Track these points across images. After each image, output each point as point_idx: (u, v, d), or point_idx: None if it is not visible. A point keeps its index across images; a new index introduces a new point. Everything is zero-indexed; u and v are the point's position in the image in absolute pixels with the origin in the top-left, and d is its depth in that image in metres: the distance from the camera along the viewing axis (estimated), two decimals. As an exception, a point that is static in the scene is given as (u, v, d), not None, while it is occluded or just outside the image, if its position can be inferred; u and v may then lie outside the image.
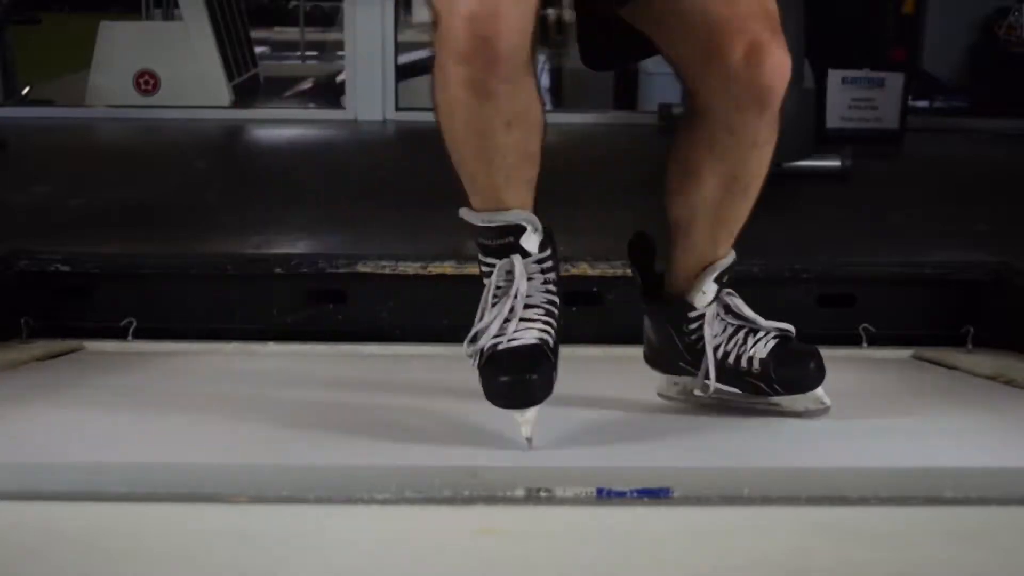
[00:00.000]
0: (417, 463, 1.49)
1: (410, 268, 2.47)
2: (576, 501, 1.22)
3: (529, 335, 1.54)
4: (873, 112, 4.79)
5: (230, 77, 5.73)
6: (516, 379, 1.51)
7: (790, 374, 1.74)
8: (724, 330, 1.74)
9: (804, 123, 3.88)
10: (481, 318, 1.55)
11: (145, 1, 7.03)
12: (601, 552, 1.11)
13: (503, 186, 1.53)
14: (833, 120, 4.73)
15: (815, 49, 3.98)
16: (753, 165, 1.66)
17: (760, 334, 1.74)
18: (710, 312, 1.74)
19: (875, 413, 1.89)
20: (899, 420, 1.84)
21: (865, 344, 2.43)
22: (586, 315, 2.51)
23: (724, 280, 1.75)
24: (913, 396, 2.02)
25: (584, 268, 2.46)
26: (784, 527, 1.17)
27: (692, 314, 1.74)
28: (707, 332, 1.73)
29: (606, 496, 1.22)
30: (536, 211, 1.56)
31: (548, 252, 1.59)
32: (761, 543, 1.13)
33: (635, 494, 1.22)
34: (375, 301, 2.53)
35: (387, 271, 2.49)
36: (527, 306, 1.55)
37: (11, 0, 6.18)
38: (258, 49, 7.02)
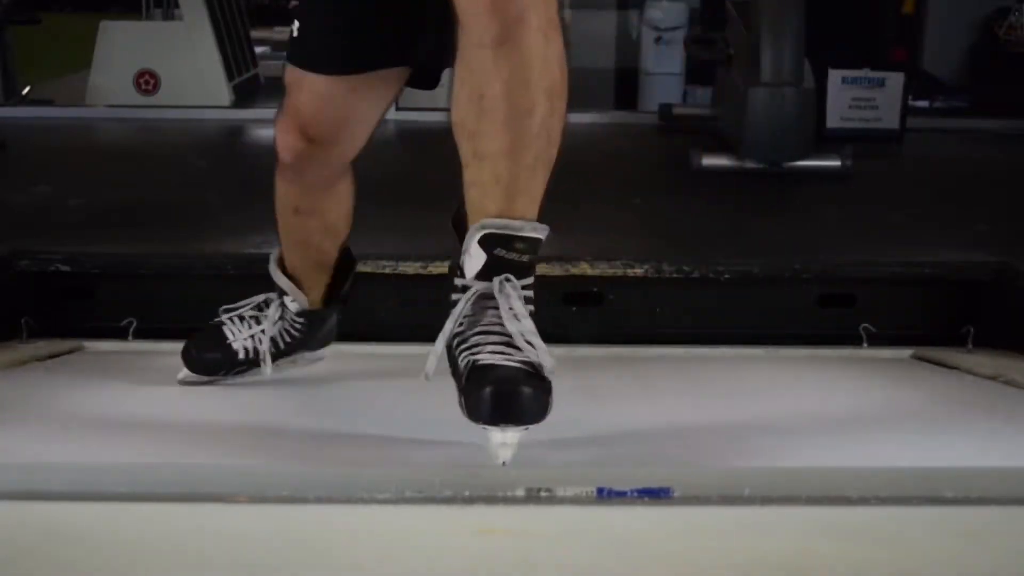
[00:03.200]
0: (417, 463, 1.49)
1: (410, 268, 2.47)
2: (576, 501, 1.22)
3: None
4: (873, 112, 4.80)
5: (230, 77, 5.73)
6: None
7: (469, 395, 1.41)
8: (462, 324, 1.44)
9: (804, 123, 3.89)
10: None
11: (145, 1, 7.03)
12: (601, 552, 1.11)
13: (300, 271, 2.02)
14: (833, 120, 4.73)
15: (815, 49, 3.99)
16: (493, 79, 1.37)
17: (491, 342, 1.42)
18: (477, 291, 1.42)
19: (875, 413, 1.89)
20: (899, 420, 1.84)
21: (865, 344, 2.43)
22: (586, 315, 2.51)
23: (506, 256, 1.41)
24: (913, 396, 2.02)
25: (584, 268, 2.46)
26: (784, 527, 1.17)
27: (457, 280, 1.45)
28: (455, 310, 1.43)
29: (606, 496, 1.22)
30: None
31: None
32: (761, 543, 1.13)
33: (635, 494, 1.22)
34: (375, 301, 2.53)
35: (387, 271, 2.49)
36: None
37: (11, 0, 6.17)
38: (258, 49, 7.02)
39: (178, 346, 2.37)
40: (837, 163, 3.83)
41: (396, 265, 2.48)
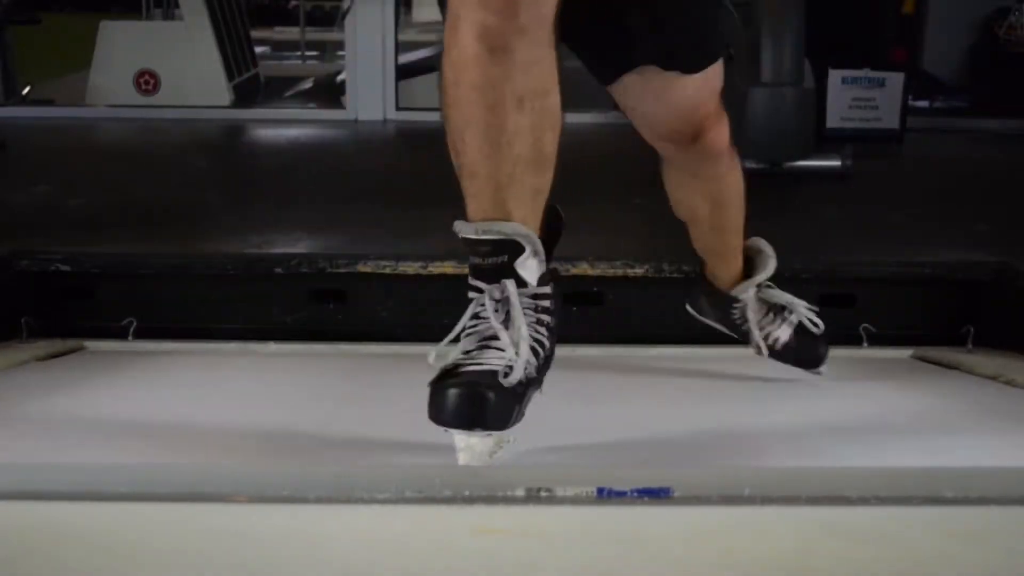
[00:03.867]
0: (417, 463, 1.49)
1: (410, 268, 2.47)
2: (576, 501, 1.22)
3: (497, 363, 1.37)
4: (873, 112, 4.80)
5: (230, 77, 5.74)
6: (464, 393, 1.34)
7: (805, 355, 2.07)
8: (759, 309, 2.05)
9: (804, 123, 3.89)
10: (457, 340, 1.41)
11: (145, 1, 7.04)
12: (601, 552, 1.10)
13: (506, 186, 1.37)
14: (833, 120, 4.74)
15: (815, 49, 3.99)
16: (727, 186, 1.94)
17: (786, 315, 2.05)
18: (751, 300, 2.05)
19: (875, 413, 1.89)
20: (899, 420, 1.84)
21: (865, 344, 2.43)
22: (586, 315, 2.51)
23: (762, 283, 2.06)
24: (913, 396, 2.02)
25: (584, 268, 2.46)
26: (784, 527, 1.17)
27: (736, 304, 2.06)
28: (751, 316, 2.05)
29: (606, 496, 1.22)
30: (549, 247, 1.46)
31: (548, 289, 1.45)
32: (761, 543, 1.13)
33: (635, 494, 1.22)
34: (375, 301, 2.53)
35: (387, 271, 2.49)
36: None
37: (11, 0, 6.18)
38: (258, 49, 7.03)
39: (178, 346, 2.38)
40: (837, 163, 3.83)
41: (396, 265, 2.48)
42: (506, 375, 1.36)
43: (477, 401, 1.35)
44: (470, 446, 1.38)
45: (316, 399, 1.96)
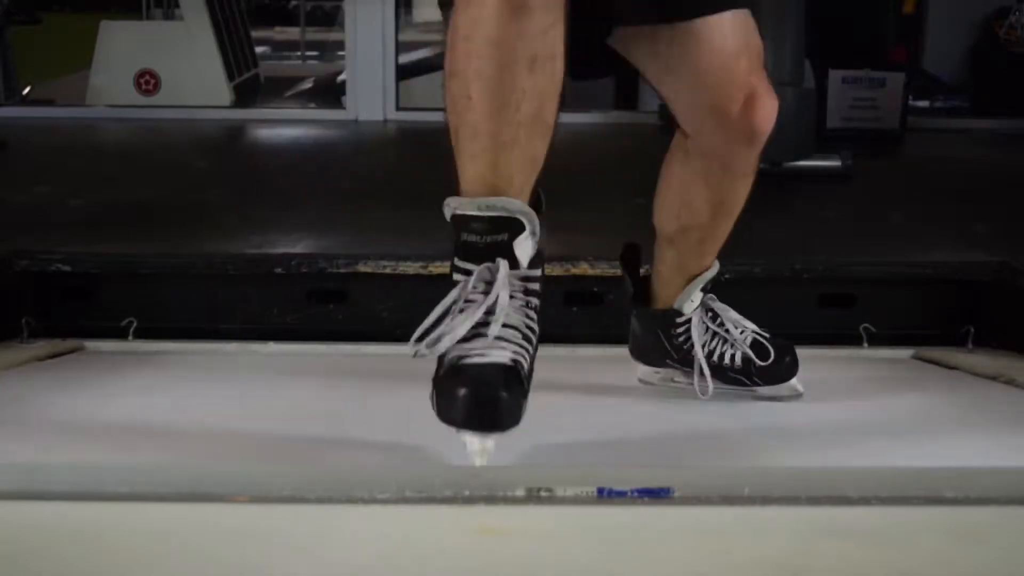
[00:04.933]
0: (417, 463, 1.49)
1: (410, 268, 2.47)
2: (576, 501, 1.22)
3: (503, 355, 1.35)
4: (873, 112, 4.80)
5: (230, 77, 5.74)
6: (481, 394, 1.32)
7: (768, 368, 1.86)
8: (706, 331, 1.86)
9: (804, 123, 3.89)
10: (439, 322, 1.38)
11: (145, 1, 7.04)
12: (601, 552, 1.10)
13: (508, 148, 1.35)
14: (833, 120, 4.74)
15: (816, 49, 3.99)
16: (740, 192, 1.79)
17: (739, 332, 1.86)
18: (696, 317, 1.86)
19: (875, 413, 1.89)
20: (899, 421, 1.84)
21: (865, 344, 2.43)
22: (586, 315, 2.51)
23: (708, 288, 1.88)
24: (913, 396, 2.02)
25: (584, 268, 2.46)
26: (784, 527, 1.17)
27: (680, 319, 1.86)
28: (695, 335, 1.85)
29: (606, 496, 1.22)
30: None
31: (538, 272, 1.42)
32: (761, 543, 1.13)
33: (635, 494, 1.22)
34: (375, 301, 2.53)
35: (388, 271, 2.49)
36: (503, 324, 1.35)
37: (11, 0, 6.18)
38: (258, 49, 7.03)
39: (178, 346, 2.38)
40: (837, 163, 3.83)
41: (396, 265, 2.48)
42: (513, 368, 1.34)
43: (491, 403, 1.33)
44: (485, 449, 1.36)
45: (316, 399, 1.96)
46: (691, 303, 1.85)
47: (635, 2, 1.62)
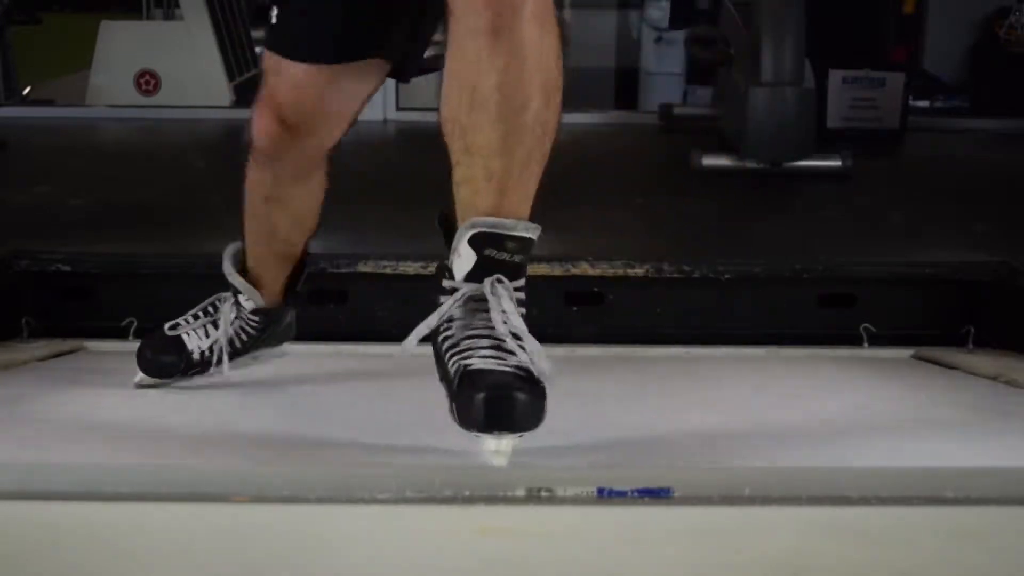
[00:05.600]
0: (417, 463, 1.49)
1: (411, 268, 2.47)
2: (576, 501, 1.22)
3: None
4: (874, 112, 4.80)
5: (231, 77, 5.73)
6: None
7: (461, 401, 1.38)
8: (450, 328, 1.42)
9: (804, 123, 3.89)
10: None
11: (146, 1, 7.03)
12: (601, 552, 1.11)
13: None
14: (834, 120, 4.73)
15: (816, 49, 3.99)
16: (487, 70, 1.36)
17: (482, 347, 1.39)
18: (465, 293, 1.40)
19: (875, 413, 1.89)
20: (899, 420, 1.84)
21: (865, 344, 2.43)
22: (586, 315, 2.51)
23: (497, 256, 1.39)
24: (913, 396, 2.02)
25: (584, 268, 2.46)
26: (784, 527, 1.17)
27: (446, 283, 1.43)
28: (441, 308, 1.41)
29: (606, 496, 1.22)
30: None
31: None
32: (761, 543, 1.13)
33: (635, 494, 1.22)
34: (376, 301, 2.53)
35: (388, 271, 2.49)
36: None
37: (11, 0, 6.18)
38: (258, 49, 7.01)
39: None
40: (837, 163, 3.83)
41: (396, 265, 2.48)
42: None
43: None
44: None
45: (316, 399, 1.96)
46: (458, 259, 1.42)
47: None
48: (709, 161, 3.84)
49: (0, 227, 2.83)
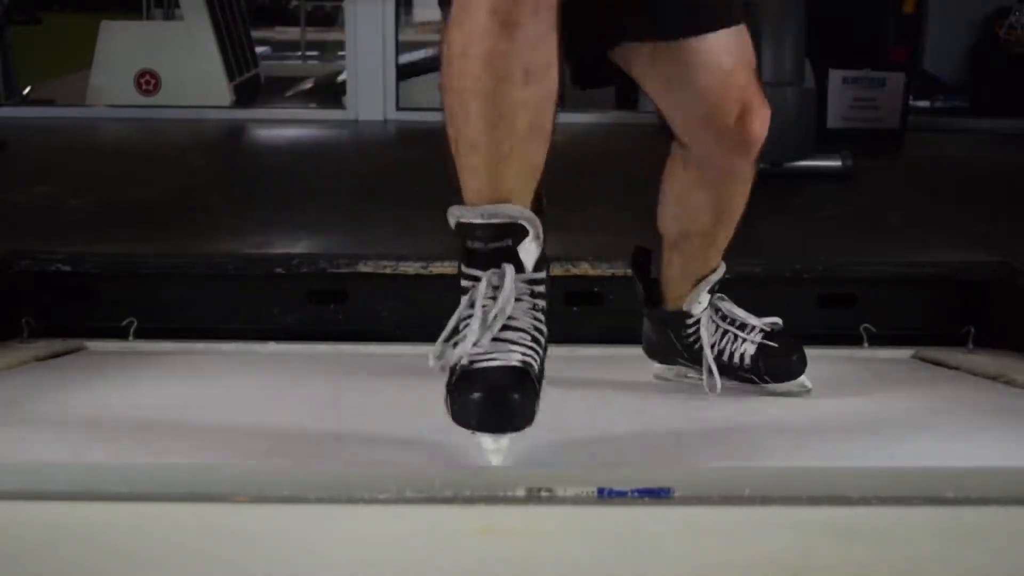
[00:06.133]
0: (417, 463, 1.49)
1: (411, 268, 2.47)
2: (576, 501, 1.22)
3: (512, 357, 1.38)
4: (874, 112, 4.80)
5: (231, 77, 5.74)
6: (492, 397, 1.36)
7: (777, 366, 1.90)
8: (716, 330, 1.91)
9: (804, 123, 3.89)
10: (454, 334, 1.40)
11: (146, 1, 7.04)
12: (601, 552, 1.11)
13: (506, 159, 1.37)
14: (834, 120, 4.73)
15: (816, 49, 3.99)
16: (739, 197, 1.84)
17: (748, 331, 1.90)
18: (704, 317, 1.91)
19: (875, 413, 1.89)
20: (899, 421, 1.84)
21: (865, 344, 2.43)
22: (586, 315, 2.51)
23: (715, 288, 1.92)
24: (913, 396, 2.02)
25: (584, 268, 2.46)
26: (784, 527, 1.17)
27: (689, 320, 1.91)
28: (704, 335, 1.90)
29: (606, 496, 1.22)
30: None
31: (543, 275, 1.45)
32: (761, 543, 1.13)
33: (635, 494, 1.22)
34: (375, 301, 2.53)
35: (388, 271, 2.49)
36: (511, 328, 1.39)
37: (11, 0, 6.18)
38: (259, 49, 7.03)
39: (178, 346, 2.38)
40: (837, 163, 3.83)
41: (396, 265, 2.48)
42: (523, 369, 1.38)
43: (503, 404, 1.36)
44: (500, 448, 1.39)
45: (316, 399, 1.96)
46: (699, 304, 1.91)
47: (634, 20, 1.64)
48: (709, 161, 3.83)
49: (0, 227, 2.83)
